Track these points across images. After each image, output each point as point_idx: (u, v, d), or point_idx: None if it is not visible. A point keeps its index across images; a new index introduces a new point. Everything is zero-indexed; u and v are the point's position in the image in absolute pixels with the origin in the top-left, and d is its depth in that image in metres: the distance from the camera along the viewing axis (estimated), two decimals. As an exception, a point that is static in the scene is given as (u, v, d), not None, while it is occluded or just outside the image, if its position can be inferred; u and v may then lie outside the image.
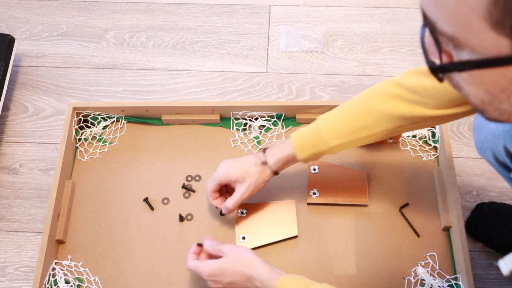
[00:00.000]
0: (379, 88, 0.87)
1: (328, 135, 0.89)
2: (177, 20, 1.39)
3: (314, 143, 0.90)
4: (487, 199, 1.10)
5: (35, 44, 1.36)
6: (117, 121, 1.17)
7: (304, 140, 0.91)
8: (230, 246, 0.90)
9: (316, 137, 0.90)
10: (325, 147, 0.90)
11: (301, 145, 0.91)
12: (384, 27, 1.36)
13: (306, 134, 0.91)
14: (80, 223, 1.07)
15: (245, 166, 0.95)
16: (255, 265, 0.86)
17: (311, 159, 0.93)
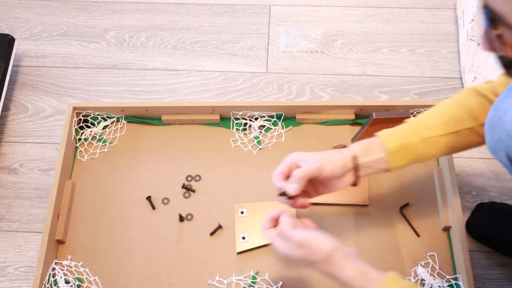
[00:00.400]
0: (474, 85, 0.86)
1: (419, 127, 0.84)
2: (177, 20, 1.39)
3: (404, 133, 0.83)
4: (487, 199, 1.10)
5: (35, 44, 1.36)
6: (117, 121, 1.17)
7: (393, 130, 0.84)
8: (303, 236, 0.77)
9: (407, 130, 0.84)
10: (415, 138, 0.83)
11: (390, 133, 0.84)
12: (384, 27, 1.36)
13: (395, 128, 0.85)
14: (80, 223, 1.07)
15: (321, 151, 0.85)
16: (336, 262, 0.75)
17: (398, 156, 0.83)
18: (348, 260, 0.75)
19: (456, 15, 1.36)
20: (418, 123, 0.86)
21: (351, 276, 0.74)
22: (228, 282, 1.00)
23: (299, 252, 0.77)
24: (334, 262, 0.75)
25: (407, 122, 0.87)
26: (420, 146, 0.84)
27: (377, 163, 0.84)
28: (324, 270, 0.76)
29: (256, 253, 1.03)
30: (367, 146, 0.84)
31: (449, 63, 1.30)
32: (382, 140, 0.83)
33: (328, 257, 0.76)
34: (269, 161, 1.12)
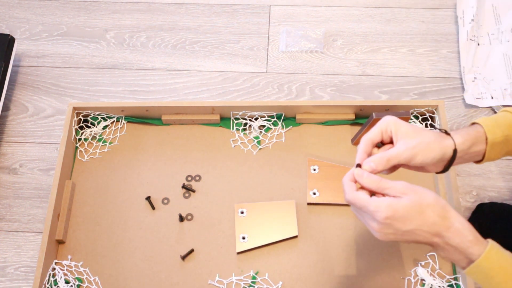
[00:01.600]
0: None
1: None
2: (177, 20, 1.39)
3: (509, 124, 0.76)
4: (487, 199, 1.10)
5: (35, 44, 1.36)
6: (117, 121, 1.17)
7: (496, 119, 0.77)
8: (407, 184, 0.69)
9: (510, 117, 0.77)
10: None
11: (494, 123, 0.76)
12: (384, 27, 1.36)
13: (495, 116, 0.78)
14: (80, 223, 1.07)
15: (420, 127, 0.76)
16: (452, 216, 0.68)
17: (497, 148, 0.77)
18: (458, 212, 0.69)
19: (456, 15, 1.36)
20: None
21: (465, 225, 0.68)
22: (228, 282, 1.00)
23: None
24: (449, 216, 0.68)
25: (507, 111, 0.79)
26: None
27: (473, 157, 0.78)
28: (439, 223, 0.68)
29: (256, 253, 1.03)
30: (472, 139, 0.75)
31: (449, 63, 1.30)
32: (485, 130, 0.76)
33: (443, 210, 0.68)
34: (269, 161, 1.12)
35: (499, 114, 0.80)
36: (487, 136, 0.76)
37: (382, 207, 0.67)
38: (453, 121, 1.20)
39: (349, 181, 0.71)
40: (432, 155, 0.73)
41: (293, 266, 1.01)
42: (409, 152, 0.72)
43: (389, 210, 0.67)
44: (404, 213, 0.67)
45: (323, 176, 1.08)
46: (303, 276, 1.00)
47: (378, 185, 0.70)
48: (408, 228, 0.67)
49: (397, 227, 0.67)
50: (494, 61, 1.27)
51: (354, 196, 0.69)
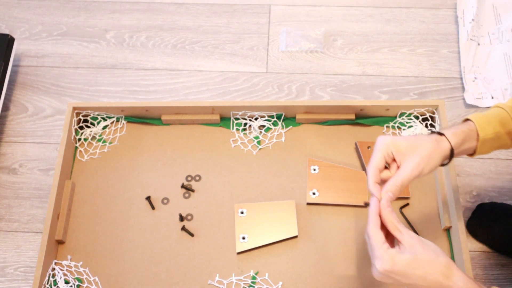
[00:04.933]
0: None
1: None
2: (177, 20, 1.39)
3: (499, 120, 0.79)
4: (487, 199, 1.10)
5: (35, 44, 1.35)
6: (117, 121, 1.17)
7: (487, 117, 0.79)
8: (417, 239, 0.70)
9: (502, 113, 0.79)
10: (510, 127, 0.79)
11: (485, 121, 0.79)
12: (384, 27, 1.36)
13: (488, 113, 0.80)
14: (80, 223, 1.07)
15: (415, 137, 0.78)
16: (455, 275, 0.68)
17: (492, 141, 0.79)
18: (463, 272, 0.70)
19: (456, 15, 1.36)
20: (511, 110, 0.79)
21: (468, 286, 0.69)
22: (228, 282, 1.00)
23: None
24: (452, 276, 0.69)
25: (500, 107, 0.81)
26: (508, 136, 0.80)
27: (465, 151, 0.81)
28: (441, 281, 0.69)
29: (256, 253, 1.03)
30: (464, 138, 0.78)
31: (449, 63, 1.30)
32: (477, 127, 0.78)
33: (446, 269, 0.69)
34: (269, 161, 1.12)
35: (491, 110, 0.81)
36: (479, 133, 0.78)
37: (385, 257, 0.69)
38: (453, 121, 1.20)
39: (375, 215, 0.72)
40: (435, 163, 0.76)
41: (293, 266, 1.01)
42: (416, 171, 0.75)
43: (389, 264, 0.68)
44: (404, 269, 0.68)
45: (323, 176, 1.08)
46: (303, 276, 1.00)
47: (394, 224, 0.71)
48: (408, 282, 0.69)
49: (396, 279, 0.69)
50: (495, 61, 1.27)
51: (374, 232, 0.71)
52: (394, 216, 0.72)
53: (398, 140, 0.76)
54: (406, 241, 0.70)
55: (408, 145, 0.76)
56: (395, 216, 0.72)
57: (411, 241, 0.70)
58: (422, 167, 0.75)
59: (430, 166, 0.76)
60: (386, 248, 0.69)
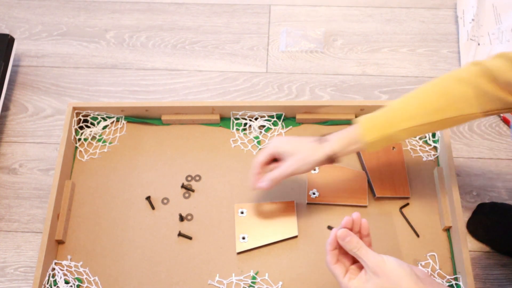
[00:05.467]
0: (458, 70, 0.83)
1: (400, 116, 0.83)
2: (177, 20, 1.39)
3: (383, 125, 0.85)
4: (487, 199, 1.10)
5: (35, 44, 1.35)
6: (117, 121, 1.17)
7: (373, 121, 0.85)
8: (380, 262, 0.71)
9: (387, 118, 0.84)
10: (396, 128, 0.84)
11: (369, 126, 0.85)
12: (384, 27, 1.36)
13: (375, 115, 0.86)
14: (80, 223, 1.07)
15: (299, 140, 0.89)
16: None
17: (377, 145, 0.86)
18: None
19: (456, 15, 1.36)
20: (398, 111, 0.85)
21: None
22: (228, 282, 1.00)
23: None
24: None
25: (387, 107, 0.86)
26: (400, 134, 0.85)
27: (353, 151, 0.89)
28: None
29: (256, 253, 1.03)
30: (348, 143, 0.87)
31: (449, 63, 1.30)
32: (363, 132, 0.85)
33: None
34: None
35: (381, 111, 0.86)
36: (364, 138, 0.86)
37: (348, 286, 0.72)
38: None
39: (330, 251, 0.75)
40: (311, 165, 0.89)
41: (293, 266, 1.01)
42: (289, 170, 0.89)
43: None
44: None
45: (323, 176, 1.08)
46: (303, 276, 1.00)
47: (355, 253, 0.73)
48: None
49: None
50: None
51: (331, 269, 0.75)
52: (354, 244, 0.73)
53: (284, 143, 0.91)
54: (369, 268, 0.71)
55: (290, 148, 0.90)
56: (355, 243, 0.73)
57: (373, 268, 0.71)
58: (295, 167, 0.89)
59: (305, 168, 0.89)
60: (347, 282, 0.73)
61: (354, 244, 0.73)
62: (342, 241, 0.73)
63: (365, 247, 0.73)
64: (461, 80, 0.83)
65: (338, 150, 0.88)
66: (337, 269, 0.74)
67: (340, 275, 0.74)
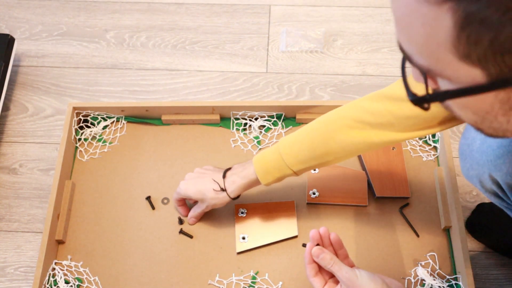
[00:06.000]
0: (343, 113, 0.86)
1: (292, 161, 0.88)
2: (177, 20, 1.39)
3: (278, 168, 0.90)
4: (487, 199, 1.10)
5: (35, 44, 1.35)
6: (117, 121, 1.17)
7: (267, 166, 0.91)
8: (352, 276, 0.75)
9: (280, 162, 0.89)
10: (290, 171, 0.89)
11: (265, 171, 0.91)
12: (384, 27, 1.36)
13: (269, 159, 0.90)
14: (80, 223, 1.07)
15: (204, 189, 0.97)
16: None
17: (276, 182, 0.93)
18: None
19: (456, 15, 1.36)
20: (288, 156, 0.88)
21: None
22: (228, 282, 1.00)
23: None
24: None
25: (278, 149, 0.89)
26: (296, 174, 0.91)
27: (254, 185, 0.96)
28: None
29: (256, 253, 1.03)
30: (245, 187, 0.95)
31: (449, 63, 1.29)
32: (259, 177, 0.91)
33: None
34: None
35: (272, 151, 0.90)
36: (262, 181, 0.92)
37: None
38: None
39: (308, 265, 0.79)
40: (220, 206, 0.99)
41: (293, 266, 1.01)
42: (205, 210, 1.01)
43: None
44: None
45: (323, 176, 1.08)
46: (303, 276, 1.00)
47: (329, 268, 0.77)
48: None
49: None
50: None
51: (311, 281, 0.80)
52: (327, 261, 0.77)
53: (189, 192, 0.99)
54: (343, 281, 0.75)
55: (197, 197, 0.99)
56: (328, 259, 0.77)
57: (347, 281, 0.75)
58: (209, 209, 1.00)
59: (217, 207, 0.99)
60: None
61: (328, 261, 0.76)
62: (316, 258, 0.78)
63: (338, 262, 0.76)
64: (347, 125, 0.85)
65: (237, 193, 0.96)
66: (316, 282, 0.79)
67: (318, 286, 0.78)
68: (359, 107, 0.84)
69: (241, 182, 0.94)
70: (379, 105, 0.81)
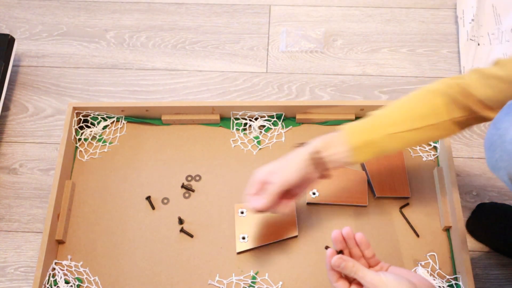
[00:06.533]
0: (435, 83, 0.86)
1: (384, 122, 0.85)
2: (177, 20, 1.39)
3: (367, 130, 0.85)
4: (487, 199, 1.10)
5: (35, 44, 1.35)
6: (117, 121, 1.17)
7: (356, 127, 0.86)
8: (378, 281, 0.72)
9: (371, 125, 0.85)
10: (380, 133, 0.84)
11: (353, 131, 0.85)
12: (384, 27, 1.36)
13: (358, 122, 0.86)
14: (80, 223, 1.07)
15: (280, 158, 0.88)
16: None
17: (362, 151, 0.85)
18: None
19: (456, 15, 1.36)
20: (382, 117, 0.86)
21: None
22: (228, 282, 1.00)
23: None
24: None
25: (371, 115, 0.87)
26: (384, 141, 0.85)
27: (340, 157, 0.85)
28: None
29: (256, 253, 1.03)
30: (329, 142, 0.85)
31: (449, 63, 1.30)
32: (346, 135, 0.85)
33: None
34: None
35: (363, 119, 0.87)
36: (347, 140, 0.84)
37: None
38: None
39: (329, 271, 0.76)
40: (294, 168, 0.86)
41: (293, 266, 1.01)
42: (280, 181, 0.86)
43: None
44: None
45: (323, 176, 1.08)
46: (303, 276, 1.00)
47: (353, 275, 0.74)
48: None
49: None
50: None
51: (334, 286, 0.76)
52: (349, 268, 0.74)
53: (267, 167, 0.89)
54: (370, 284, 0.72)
55: (273, 166, 0.88)
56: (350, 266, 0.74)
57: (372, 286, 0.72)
58: (284, 177, 0.86)
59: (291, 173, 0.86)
60: None
61: (350, 269, 0.74)
62: (337, 268, 0.74)
63: (362, 268, 0.73)
64: (440, 93, 0.85)
65: (320, 149, 0.85)
66: (339, 287, 0.75)
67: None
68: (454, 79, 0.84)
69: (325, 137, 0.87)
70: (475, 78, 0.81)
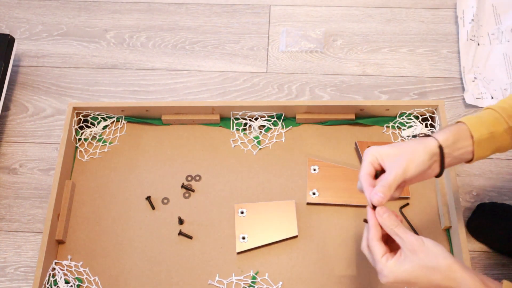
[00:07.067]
0: None
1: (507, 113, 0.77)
2: (177, 20, 1.39)
3: (492, 120, 0.78)
4: (487, 199, 1.10)
5: (35, 44, 1.36)
6: (117, 121, 1.17)
7: (479, 118, 0.78)
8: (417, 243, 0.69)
9: (495, 113, 0.78)
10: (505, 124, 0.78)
11: (477, 121, 0.78)
12: (384, 27, 1.36)
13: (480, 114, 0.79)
14: (80, 223, 1.07)
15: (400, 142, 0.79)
16: (458, 277, 0.68)
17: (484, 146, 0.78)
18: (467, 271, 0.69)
19: (456, 15, 1.36)
20: (505, 109, 0.78)
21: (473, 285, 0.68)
22: (228, 282, 1.00)
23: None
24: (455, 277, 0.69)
25: (491, 108, 0.80)
26: (504, 137, 0.78)
27: (463, 154, 0.79)
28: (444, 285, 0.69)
29: (256, 253, 1.03)
30: (455, 135, 0.77)
31: (449, 63, 1.30)
32: (469, 128, 0.77)
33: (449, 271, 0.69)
34: (269, 161, 1.12)
35: (483, 112, 0.81)
36: (472, 134, 0.77)
37: (384, 271, 0.70)
38: (453, 121, 1.20)
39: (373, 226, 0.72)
40: (421, 159, 0.75)
41: (293, 266, 1.01)
42: (400, 169, 0.74)
43: (391, 277, 0.70)
44: (407, 279, 0.69)
45: (323, 176, 1.08)
46: (303, 276, 1.00)
47: (393, 230, 0.71)
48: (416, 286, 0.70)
49: (400, 286, 0.71)
50: (494, 61, 1.27)
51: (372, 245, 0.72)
52: (392, 221, 0.71)
53: (381, 147, 0.77)
54: (406, 247, 0.70)
55: (391, 149, 0.76)
56: (394, 220, 0.71)
57: (411, 246, 0.70)
58: (406, 164, 0.74)
59: (415, 163, 0.74)
60: (385, 262, 0.71)
61: (393, 221, 0.70)
62: (380, 217, 0.71)
63: (403, 228, 0.70)
64: None
65: (446, 144, 0.77)
66: (378, 247, 0.71)
67: (379, 254, 0.71)
68: None
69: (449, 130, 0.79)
70: None
